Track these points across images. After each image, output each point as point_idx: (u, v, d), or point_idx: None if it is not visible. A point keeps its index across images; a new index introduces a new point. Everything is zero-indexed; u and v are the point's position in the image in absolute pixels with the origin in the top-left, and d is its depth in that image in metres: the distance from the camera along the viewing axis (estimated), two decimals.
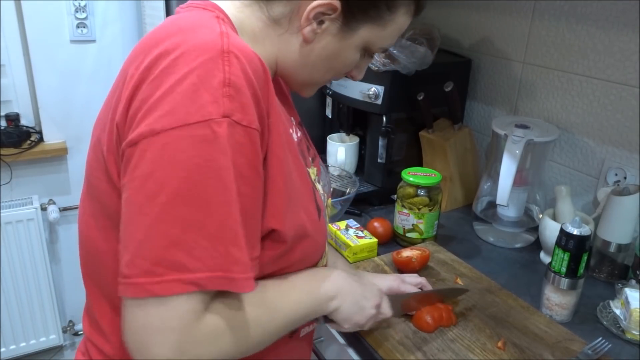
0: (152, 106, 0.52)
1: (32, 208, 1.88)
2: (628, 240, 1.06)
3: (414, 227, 1.18)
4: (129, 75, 0.56)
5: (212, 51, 0.53)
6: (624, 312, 0.92)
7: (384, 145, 1.34)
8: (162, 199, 0.50)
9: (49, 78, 1.85)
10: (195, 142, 0.50)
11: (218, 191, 0.51)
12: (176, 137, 0.50)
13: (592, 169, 1.22)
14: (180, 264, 0.50)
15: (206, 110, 0.51)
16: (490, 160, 1.26)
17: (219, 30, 0.55)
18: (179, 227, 0.50)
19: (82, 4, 1.81)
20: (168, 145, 0.50)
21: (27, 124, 1.89)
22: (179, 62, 0.52)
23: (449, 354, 0.84)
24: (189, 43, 0.54)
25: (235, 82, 0.52)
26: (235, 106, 0.52)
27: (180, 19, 0.60)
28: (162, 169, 0.50)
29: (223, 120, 0.51)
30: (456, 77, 1.35)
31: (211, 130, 0.50)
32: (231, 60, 0.53)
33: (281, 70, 0.69)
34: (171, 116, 0.51)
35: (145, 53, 0.56)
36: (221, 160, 0.51)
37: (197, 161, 0.50)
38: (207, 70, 0.52)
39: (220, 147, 0.51)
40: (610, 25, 1.12)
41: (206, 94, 0.51)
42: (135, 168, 0.52)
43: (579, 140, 1.23)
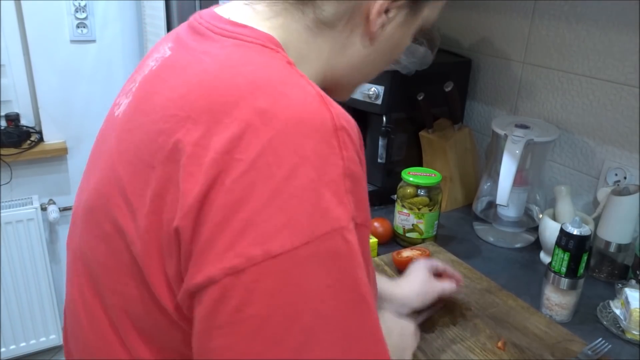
0: (255, 215, 0.37)
1: (32, 208, 1.88)
2: (628, 240, 1.06)
3: (414, 227, 1.18)
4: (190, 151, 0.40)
5: (323, 130, 0.39)
6: (624, 312, 0.92)
7: (384, 145, 1.34)
8: (291, 344, 0.37)
9: (49, 78, 1.85)
10: (326, 260, 0.38)
11: (359, 315, 0.40)
12: (301, 258, 0.37)
13: (592, 169, 1.22)
14: None
15: (333, 216, 0.38)
16: (490, 160, 1.26)
17: (315, 93, 0.41)
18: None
19: (82, 4, 1.81)
20: (291, 272, 0.37)
21: (27, 124, 1.89)
22: (279, 147, 0.38)
23: (449, 354, 0.84)
24: (285, 113, 0.39)
25: (354, 171, 0.40)
26: (357, 205, 0.40)
27: (242, 65, 0.43)
28: (288, 305, 0.37)
29: (352, 225, 0.39)
30: (456, 77, 1.35)
31: (344, 241, 0.38)
32: (346, 141, 0.40)
33: (333, 79, 0.56)
34: (290, 230, 0.37)
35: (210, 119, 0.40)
36: (359, 275, 0.39)
37: (331, 283, 0.38)
38: (324, 159, 0.38)
39: (355, 259, 0.39)
40: (610, 25, 1.12)
41: (329, 193, 0.38)
42: (244, 306, 0.37)
43: (579, 140, 1.23)
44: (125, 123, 0.49)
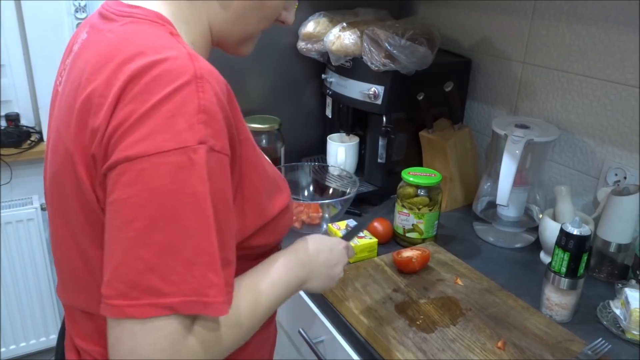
0: (127, 130, 0.52)
1: (32, 208, 1.88)
2: (628, 240, 1.06)
3: (414, 227, 1.18)
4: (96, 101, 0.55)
5: (185, 76, 0.53)
6: (624, 312, 0.92)
7: (384, 145, 1.34)
8: (138, 225, 0.51)
9: (49, 78, 1.85)
10: (171, 168, 0.51)
11: (194, 217, 0.52)
12: (152, 163, 0.51)
13: (592, 169, 1.22)
14: (155, 288, 0.51)
15: (182, 137, 0.51)
16: (490, 160, 1.26)
17: (186, 52, 0.55)
18: (154, 252, 0.51)
19: (82, 4, 1.81)
20: (144, 172, 0.51)
21: (27, 124, 1.89)
22: (153, 87, 0.52)
23: (449, 353, 0.84)
24: (160, 65, 0.53)
25: (209, 108, 0.53)
26: (209, 132, 0.53)
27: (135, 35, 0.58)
28: (138, 194, 0.51)
29: (199, 147, 0.52)
30: (456, 77, 1.35)
31: (187, 157, 0.51)
32: (204, 85, 0.53)
33: (215, 35, 0.69)
34: (147, 142, 0.51)
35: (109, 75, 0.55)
36: (198, 186, 0.52)
37: (173, 187, 0.51)
38: (183, 97, 0.52)
39: (197, 173, 0.52)
40: (610, 25, 1.12)
41: (182, 121, 0.51)
42: (111, 192, 0.52)
43: (579, 140, 1.23)
44: (61, 95, 0.65)
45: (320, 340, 1.05)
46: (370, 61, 1.25)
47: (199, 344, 0.55)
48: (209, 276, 0.53)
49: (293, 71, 1.53)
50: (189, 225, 0.52)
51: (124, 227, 0.51)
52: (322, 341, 1.05)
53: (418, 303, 0.96)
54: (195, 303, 0.52)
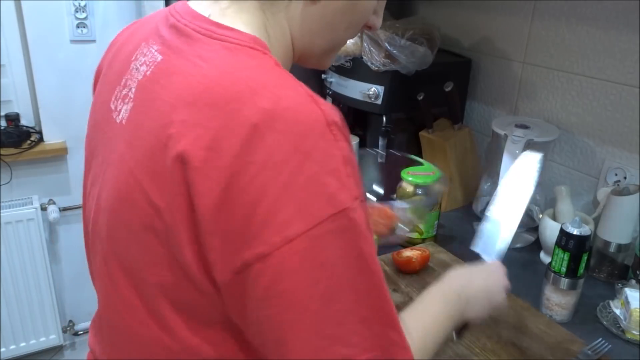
0: (272, 208, 0.44)
1: (32, 208, 1.88)
2: (628, 240, 1.06)
3: (414, 227, 1.18)
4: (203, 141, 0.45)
5: (318, 126, 0.45)
6: (624, 312, 0.92)
7: (384, 145, 1.34)
8: (313, 307, 0.46)
9: (49, 78, 1.85)
10: (335, 236, 0.45)
11: (366, 279, 0.48)
12: (313, 237, 0.44)
13: (592, 169, 1.22)
14: (342, 355, 0.47)
15: (338, 200, 0.45)
16: (490, 160, 1.26)
17: (304, 92, 0.47)
18: (335, 324, 0.46)
19: (82, 4, 1.81)
20: (307, 250, 0.44)
21: (27, 124, 1.89)
22: (284, 144, 0.44)
23: (449, 353, 0.84)
24: (283, 115, 0.44)
25: (350, 157, 0.47)
26: (357, 184, 0.47)
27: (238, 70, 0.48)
28: (309, 277, 0.45)
29: (356, 205, 0.46)
30: (456, 77, 1.35)
31: (348, 219, 0.45)
32: (338, 133, 0.47)
33: (298, 48, 0.60)
34: (301, 216, 0.44)
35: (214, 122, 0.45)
36: (363, 247, 0.47)
37: (341, 254, 0.46)
38: (324, 152, 0.45)
39: (360, 233, 0.47)
40: (610, 25, 1.12)
41: (332, 180, 0.45)
42: (273, 284, 0.45)
43: (579, 140, 1.23)
44: (134, 129, 0.53)
45: None
46: (370, 61, 1.25)
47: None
48: (390, 334, 0.50)
49: (293, 71, 1.52)
50: (362, 288, 0.47)
51: (300, 318, 0.46)
52: None
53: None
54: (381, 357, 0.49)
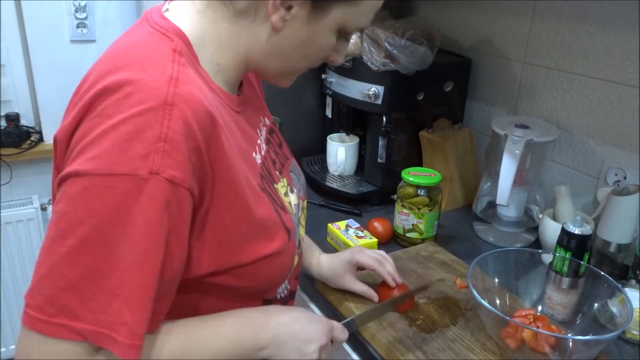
0: (85, 146, 0.51)
1: (32, 208, 1.88)
2: (628, 240, 1.06)
3: (414, 227, 1.18)
4: (76, 98, 0.57)
5: (155, 100, 0.51)
6: (621, 311, 0.92)
7: (384, 145, 1.34)
8: (70, 242, 0.50)
9: (49, 78, 1.85)
10: (115, 193, 0.49)
11: (127, 248, 0.50)
12: (96, 183, 0.50)
13: (592, 169, 1.22)
14: (72, 310, 0.50)
15: (134, 164, 0.49)
16: (490, 160, 1.26)
17: (169, 74, 0.54)
18: (79, 273, 0.50)
19: (82, 4, 1.81)
20: (87, 190, 0.50)
21: (27, 124, 1.89)
22: (120, 105, 0.51)
23: (449, 353, 0.84)
24: (136, 84, 0.52)
25: (173, 137, 0.51)
26: (168, 163, 0.50)
27: (137, 46, 0.58)
28: (76, 211, 0.50)
29: (150, 177, 0.50)
30: (456, 77, 1.35)
31: (135, 186, 0.49)
32: (172, 113, 0.51)
33: (253, 64, 0.66)
34: (98, 161, 0.50)
35: (96, 78, 0.55)
36: (138, 218, 0.50)
37: (112, 213, 0.50)
38: (146, 121, 0.50)
39: (141, 205, 0.50)
40: (610, 25, 1.12)
41: (138, 147, 0.50)
42: (57, 202, 0.52)
43: (579, 140, 1.23)
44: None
45: None
46: (370, 61, 1.25)
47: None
48: (124, 313, 0.51)
49: None
50: (120, 255, 0.50)
51: (57, 241, 0.50)
52: None
53: (418, 303, 0.96)
54: (106, 337, 0.51)
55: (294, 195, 0.78)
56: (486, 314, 0.85)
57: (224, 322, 0.63)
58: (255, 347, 0.64)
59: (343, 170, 1.47)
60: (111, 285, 0.50)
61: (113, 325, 0.51)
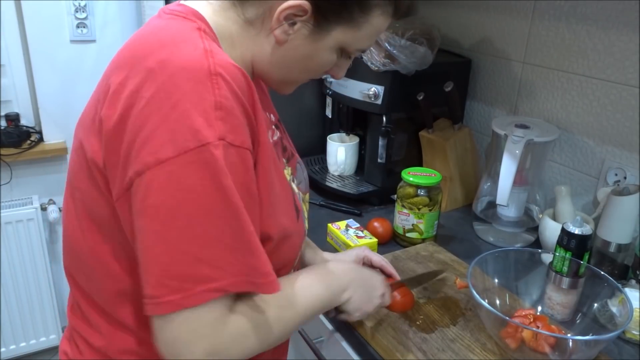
0: (150, 134, 0.53)
1: (32, 208, 1.88)
2: (628, 240, 1.06)
3: (414, 227, 1.18)
4: (113, 89, 0.58)
5: (200, 74, 0.54)
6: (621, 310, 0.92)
7: (384, 145, 1.34)
8: (178, 223, 0.53)
9: (49, 78, 1.85)
10: (198, 167, 0.53)
11: (226, 208, 0.54)
12: (180, 164, 0.53)
13: (592, 169, 1.22)
14: (206, 276, 0.54)
15: (202, 135, 0.53)
16: (490, 160, 1.26)
17: (203, 47, 0.57)
18: (198, 244, 0.54)
19: (82, 4, 1.81)
20: (174, 173, 0.53)
21: (27, 124, 1.89)
22: (168, 87, 0.54)
23: (449, 353, 0.84)
24: (175, 62, 0.55)
25: (225, 104, 0.54)
26: (227, 128, 0.54)
27: (162, 30, 0.61)
28: (173, 196, 0.53)
29: (219, 143, 0.53)
30: (456, 77, 1.35)
31: (210, 154, 0.53)
32: (219, 82, 0.55)
33: (257, 70, 0.70)
34: (171, 144, 0.53)
35: (130, 67, 0.57)
36: (223, 180, 0.54)
37: (203, 183, 0.53)
38: (199, 95, 0.54)
39: (220, 168, 0.54)
40: (610, 25, 1.12)
41: (200, 119, 0.53)
42: (145, 198, 0.54)
43: (579, 140, 1.23)
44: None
45: (320, 340, 1.05)
46: (370, 61, 1.25)
47: (246, 322, 0.59)
48: (250, 260, 0.57)
49: None
50: (222, 215, 0.54)
51: (164, 229, 0.54)
52: (322, 341, 1.05)
53: (418, 303, 0.96)
54: (244, 282, 0.56)
55: (294, 185, 0.80)
56: (486, 314, 0.84)
57: (312, 273, 0.73)
58: (340, 289, 0.74)
59: (343, 170, 1.47)
60: (228, 242, 0.55)
61: (246, 271, 0.56)
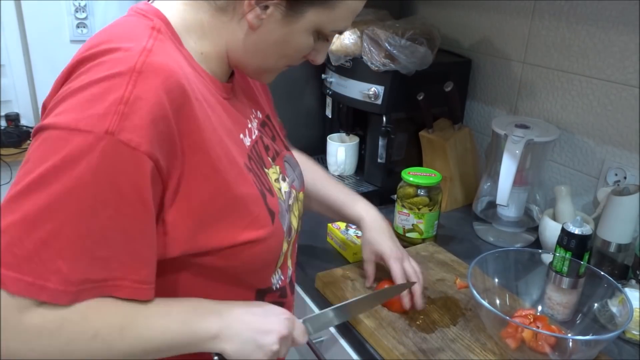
0: (55, 104, 0.54)
1: None
2: (628, 240, 1.06)
3: (414, 227, 1.18)
4: (64, 72, 0.60)
5: (123, 67, 0.54)
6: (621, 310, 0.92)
7: (384, 145, 1.34)
8: (19, 187, 0.52)
9: (49, 78, 1.84)
10: (66, 146, 0.51)
11: (67, 199, 0.51)
12: (54, 135, 0.52)
13: (592, 169, 1.22)
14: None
15: (91, 121, 0.51)
16: (490, 160, 1.26)
17: (143, 46, 0.56)
18: (16, 216, 0.51)
19: (82, 4, 1.81)
20: (45, 141, 0.53)
21: (27, 124, 1.89)
22: (92, 70, 0.54)
23: (449, 353, 0.84)
24: (110, 54, 0.56)
25: (134, 102, 0.52)
26: (125, 125, 0.52)
27: (115, 26, 0.62)
28: (32, 161, 0.53)
29: (104, 137, 0.51)
30: (456, 77, 1.35)
31: (87, 143, 0.51)
32: (138, 80, 0.53)
33: (232, 59, 0.68)
34: (61, 116, 0.53)
35: (76, 54, 0.59)
36: (85, 174, 0.51)
37: (59, 164, 0.51)
38: (111, 85, 0.53)
39: (89, 161, 0.51)
40: (610, 25, 1.12)
41: (99, 106, 0.52)
42: (27, 154, 0.55)
43: (579, 140, 1.23)
44: None
45: (320, 340, 1.05)
46: (370, 61, 1.25)
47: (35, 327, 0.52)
48: (58, 263, 0.52)
49: (293, 71, 1.52)
50: (58, 205, 0.51)
51: (11, 187, 0.53)
52: (322, 341, 1.05)
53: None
54: (29, 285, 0.51)
55: (286, 184, 0.78)
56: (486, 314, 0.84)
57: (178, 303, 0.63)
58: (206, 334, 0.61)
59: (343, 170, 1.47)
60: (44, 234, 0.51)
61: (41, 274, 0.51)
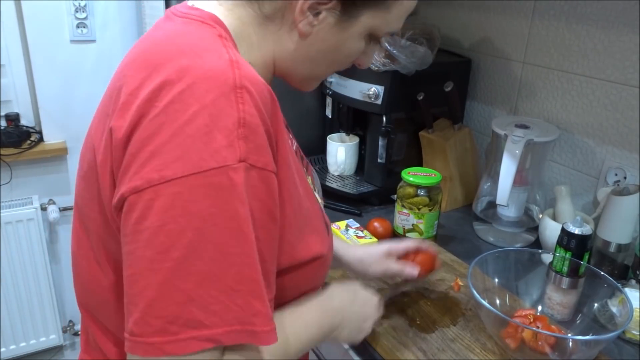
0: (158, 148, 0.47)
1: (32, 208, 1.88)
2: (628, 240, 1.06)
3: (414, 227, 1.18)
4: (124, 99, 0.51)
5: (224, 86, 0.48)
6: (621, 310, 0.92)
7: (384, 145, 1.34)
8: (175, 254, 0.46)
9: (49, 78, 1.85)
10: (210, 190, 0.46)
11: (236, 242, 0.47)
12: (190, 185, 0.46)
13: (592, 169, 1.22)
14: (196, 320, 0.46)
15: (221, 156, 0.46)
16: (490, 160, 1.26)
17: (228, 58, 0.51)
18: (194, 282, 0.46)
19: (82, 4, 1.81)
20: (180, 195, 0.46)
21: (27, 124, 1.89)
22: (186, 97, 0.47)
23: (449, 353, 0.84)
24: (196, 72, 0.49)
25: (250, 121, 0.48)
26: (250, 148, 0.48)
27: (179, 36, 0.55)
28: (175, 221, 0.46)
29: (239, 166, 0.47)
30: (456, 77, 1.35)
31: (227, 178, 0.46)
32: (244, 96, 0.48)
33: (280, 69, 0.64)
34: (183, 162, 0.46)
35: (143, 76, 0.51)
36: (239, 209, 0.47)
37: (213, 211, 0.46)
38: (220, 109, 0.47)
39: (238, 195, 0.47)
40: (610, 25, 1.12)
41: (220, 137, 0.46)
42: (142, 219, 0.47)
43: (579, 140, 1.23)
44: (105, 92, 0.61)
45: None
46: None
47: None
48: (254, 304, 0.49)
49: None
50: (230, 251, 0.47)
51: (158, 258, 0.46)
52: None
53: (418, 303, 0.96)
54: (240, 332, 0.48)
55: (317, 193, 0.76)
56: (486, 314, 0.84)
57: (306, 313, 0.65)
58: (332, 329, 0.69)
59: (343, 170, 1.47)
60: (229, 283, 0.47)
61: (244, 319, 0.48)
